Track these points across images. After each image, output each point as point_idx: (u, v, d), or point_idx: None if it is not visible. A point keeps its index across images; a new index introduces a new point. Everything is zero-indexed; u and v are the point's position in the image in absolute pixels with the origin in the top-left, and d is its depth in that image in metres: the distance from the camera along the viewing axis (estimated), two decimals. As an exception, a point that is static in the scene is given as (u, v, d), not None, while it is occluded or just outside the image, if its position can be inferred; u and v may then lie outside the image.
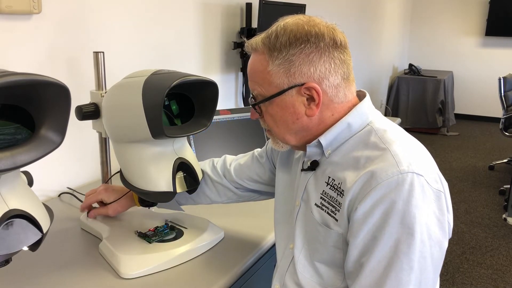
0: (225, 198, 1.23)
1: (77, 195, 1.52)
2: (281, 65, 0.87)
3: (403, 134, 0.90)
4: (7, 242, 0.74)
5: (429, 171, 0.83)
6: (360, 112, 0.91)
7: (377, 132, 0.88)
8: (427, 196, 0.79)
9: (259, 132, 1.83)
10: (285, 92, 0.88)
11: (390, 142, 0.85)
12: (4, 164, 0.67)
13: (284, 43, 0.86)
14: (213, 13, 2.31)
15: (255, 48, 0.91)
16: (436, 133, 5.92)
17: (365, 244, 0.80)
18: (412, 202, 0.77)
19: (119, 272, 1.06)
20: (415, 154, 0.84)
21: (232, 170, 1.21)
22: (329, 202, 0.89)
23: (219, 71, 2.45)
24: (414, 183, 0.78)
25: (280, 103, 0.89)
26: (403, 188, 0.78)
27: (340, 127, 0.90)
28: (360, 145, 0.88)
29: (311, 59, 0.86)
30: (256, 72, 0.91)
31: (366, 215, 0.80)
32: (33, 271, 1.08)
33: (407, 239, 0.77)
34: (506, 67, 6.10)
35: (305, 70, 0.86)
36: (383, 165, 0.81)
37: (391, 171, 0.79)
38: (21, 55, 1.40)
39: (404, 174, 0.79)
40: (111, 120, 1.09)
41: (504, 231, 3.28)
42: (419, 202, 0.78)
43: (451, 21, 6.68)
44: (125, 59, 1.79)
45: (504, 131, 4.19)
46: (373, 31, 5.20)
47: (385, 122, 0.92)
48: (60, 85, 0.70)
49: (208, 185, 1.23)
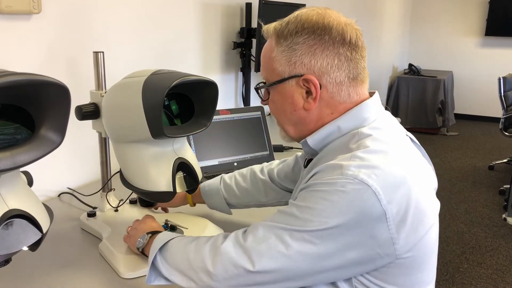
0: (270, 198, 1.23)
1: (77, 195, 1.52)
2: (284, 52, 0.86)
3: (389, 146, 0.81)
4: (7, 242, 0.74)
5: (391, 187, 0.75)
6: (354, 116, 0.87)
7: (360, 136, 0.83)
8: (360, 206, 0.74)
9: (259, 132, 1.83)
10: (285, 81, 0.88)
11: (362, 147, 0.80)
12: (4, 164, 0.67)
13: (291, 31, 0.86)
14: (213, 13, 2.31)
15: (267, 33, 0.92)
16: (436, 133, 5.92)
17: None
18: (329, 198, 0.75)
19: (119, 272, 1.06)
20: (381, 168, 0.76)
21: (275, 170, 1.23)
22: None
23: (219, 71, 2.45)
24: (348, 190, 0.74)
25: (281, 91, 0.89)
26: (333, 189, 0.75)
27: (329, 129, 0.87)
28: (341, 148, 0.84)
29: (313, 50, 0.84)
30: (264, 57, 0.92)
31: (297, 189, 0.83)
32: (33, 271, 1.08)
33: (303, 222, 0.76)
34: (506, 67, 6.10)
35: (306, 61, 0.85)
36: (333, 164, 0.78)
37: (336, 172, 0.76)
38: (21, 55, 1.40)
39: (343, 177, 0.75)
40: (111, 120, 1.09)
41: (504, 231, 3.28)
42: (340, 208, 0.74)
43: (451, 21, 6.68)
44: (125, 59, 1.79)
45: (504, 131, 4.19)
46: (373, 31, 5.20)
47: (378, 126, 0.86)
48: (60, 85, 0.70)
49: (255, 183, 1.24)
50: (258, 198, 1.24)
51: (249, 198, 1.25)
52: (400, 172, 0.78)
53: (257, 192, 1.24)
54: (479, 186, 4.13)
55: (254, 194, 1.24)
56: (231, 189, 1.25)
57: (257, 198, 1.24)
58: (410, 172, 0.80)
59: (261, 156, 1.81)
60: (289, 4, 2.61)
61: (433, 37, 6.83)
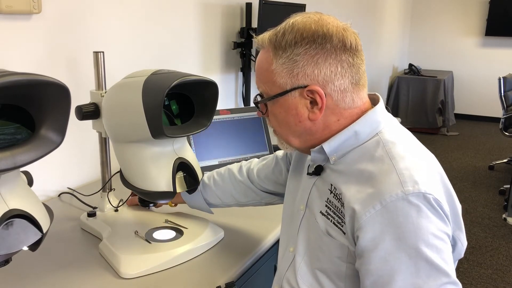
0: (249, 198, 1.23)
1: (77, 195, 1.52)
2: (284, 65, 0.83)
3: (414, 148, 0.85)
4: (7, 242, 0.74)
5: (437, 188, 0.79)
6: (370, 120, 0.86)
7: (385, 144, 0.83)
8: (438, 214, 0.76)
9: (259, 132, 1.83)
10: (287, 93, 0.85)
11: (398, 158, 0.80)
12: (4, 164, 0.67)
13: (289, 41, 0.83)
14: (213, 13, 2.31)
15: (261, 44, 0.88)
16: (436, 133, 5.92)
17: (380, 272, 0.75)
18: (422, 224, 0.73)
19: (119, 272, 1.06)
20: (423, 172, 0.79)
21: (255, 170, 1.22)
22: (335, 212, 0.85)
23: (219, 71, 2.45)
24: (421, 204, 0.74)
25: (283, 103, 0.86)
26: (411, 211, 0.74)
27: (346, 135, 0.86)
28: (365, 157, 0.83)
29: (315, 60, 0.82)
30: (261, 70, 0.89)
31: (377, 241, 0.75)
32: (33, 271, 1.08)
33: (425, 264, 0.73)
34: (506, 67, 6.10)
35: (309, 72, 0.82)
36: (387, 185, 0.77)
37: (395, 192, 0.75)
38: (21, 55, 1.40)
39: (409, 195, 0.74)
40: (111, 120, 1.09)
41: (504, 231, 3.28)
42: (431, 223, 0.74)
43: (451, 21, 6.68)
44: (125, 59, 1.79)
45: (504, 131, 4.19)
46: (373, 31, 5.20)
47: (396, 132, 0.87)
48: (60, 85, 0.70)
49: (233, 184, 1.23)
50: (238, 199, 1.24)
51: (228, 199, 1.25)
52: (436, 169, 0.85)
53: (236, 193, 1.24)
54: (479, 186, 4.13)
55: (233, 195, 1.24)
56: (211, 190, 1.25)
57: (236, 198, 1.24)
58: (438, 167, 0.87)
59: (261, 156, 1.80)
60: (289, 4, 2.61)
61: (433, 37, 6.82)
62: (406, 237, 0.73)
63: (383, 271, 0.75)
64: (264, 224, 1.31)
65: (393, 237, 0.74)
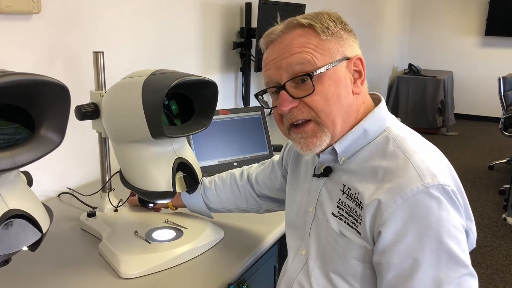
0: (249, 204, 1.24)
1: (77, 195, 1.52)
2: (333, 35, 0.85)
3: (422, 142, 0.86)
4: (7, 242, 0.74)
5: (451, 180, 0.80)
6: (377, 117, 0.87)
7: (395, 140, 0.83)
8: (456, 206, 0.77)
9: (259, 132, 1.83)
10: (339, 62, 0.84)
11: (411, 152, 0.80)
12: (4, 164, 0.67)
13: (326, 20, 0.85)
14: (213, 13, 2.31)
15: (293, 25, 0.85)
16: (436, 133, 5.92)
17: (403, 265, 0.75)
18: (443, 216, 0.74)
19: (119, 272, 1.06)
20: (437, 165, 0.80)
21: (254, 174, 1.23)
22: (348, 213, 0.84)
23: (219, 71, 2.45)
24: (441, 196, 0.75)
25: (332, 75, 0.83)
26: (432, 204, 0.74)
27: (356, 133, 0.86)
28: (377, 154, 0.84)
29: (352, 36, 0.88)
30: (304, 43, 0.83)
31: (399, 236, 0.75)
32: (33, 271, 1.08)
33: (447, 256, 0.74)
34: (506, 67, 6.10)
35: (351, 43, 0.87)
36: (406, 179, 0.77)
37: (415, 185, 0.75)
38: (20, 55, 1.40)
39: (429, 188, 0.75)
40: (111, 120, 1.09)
41: (504, 231, 3.28)
42: (451, 215, 0.75)
43: (451, 21, 6.68)
44: (125, 59, 1.79)
45: (504, 131, 4.19)
46: (373, 31, 5.20)
47: (402, 128, 0.88)
48: (60, 85, 0.70)
49: (234, 189, 1.24)
50: (238, 205, 1.24)
51: (229, 204, 1.25)
52: (445, 162, 0.85)
53: (236, 199, 1.24)
54: (479, 186, 4.13)
55: (234, 200, 1.24)
56: (212, 194, 1.25)
57: (237, 204, 1.24)
58: (445, 160, 0.87)
59: (261, 156, 1.81)
60: (289, 4, 2.61)
61: (433, 37, 6.83)
62: (429, 230, 0.74)
63: (406, 264, 0.75)
64: (264, 224, 1.31)
65: (416, 231, 0.74)
